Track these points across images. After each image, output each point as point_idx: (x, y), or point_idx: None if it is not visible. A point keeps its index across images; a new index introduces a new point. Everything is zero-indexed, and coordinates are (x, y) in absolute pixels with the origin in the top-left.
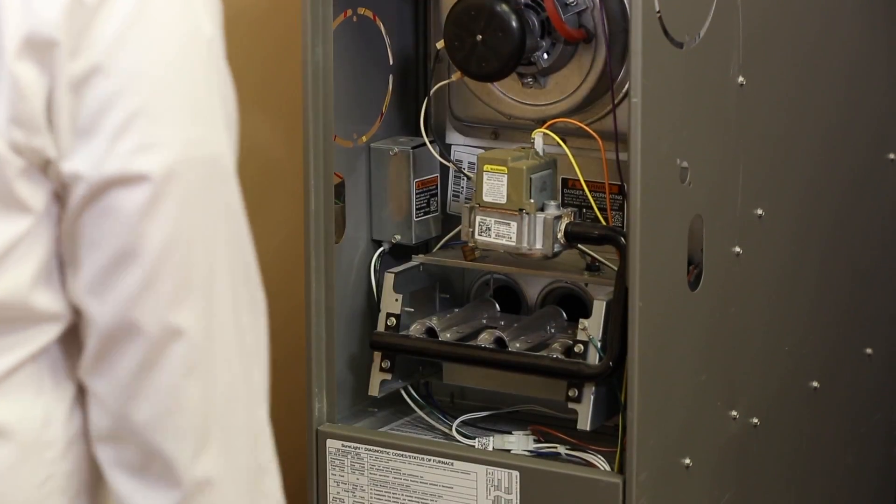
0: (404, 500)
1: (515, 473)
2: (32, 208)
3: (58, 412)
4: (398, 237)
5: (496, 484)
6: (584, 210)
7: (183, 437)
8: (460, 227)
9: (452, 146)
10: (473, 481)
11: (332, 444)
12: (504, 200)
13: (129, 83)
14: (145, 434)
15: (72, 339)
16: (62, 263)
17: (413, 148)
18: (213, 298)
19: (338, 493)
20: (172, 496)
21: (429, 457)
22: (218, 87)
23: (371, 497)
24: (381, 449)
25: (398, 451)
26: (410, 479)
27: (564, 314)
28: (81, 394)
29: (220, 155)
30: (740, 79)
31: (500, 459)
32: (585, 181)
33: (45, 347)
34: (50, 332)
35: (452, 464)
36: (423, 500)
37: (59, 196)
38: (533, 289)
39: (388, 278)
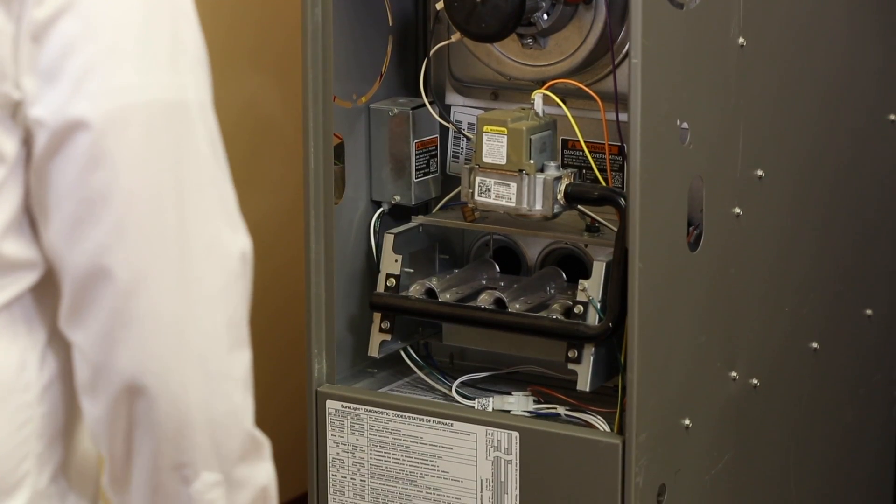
0: (404, 460)
1: (515, 434)
2: (4, 156)
3: (32, 357)
4: (398, 198)
5: (496, 445)
6: (584, 171)
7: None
8: (460, 187)
9: (452, 107)
10: (473, 442)
11: (331, 405)
12: (504, 161)
13: (92, 27)
14: (126, 382)
15: (45, 286)
16: (34, 212)
17: (412, 109)
18: (185, 244)
19: (337, 453)
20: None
21: (428, 417)
22: (186, 33)
23: (371, 457)
24: (381, 410)
25: (398, 412)
26: (410, 440)
27: (564, 275)
28: (54, 339)
29: (185, 101)
30: (740, 40)
31: (500, 420)
32: (585, 142)
33: (19, 295)
34: (23, 282)
35: (452, 425)
36: (423, 461)
37: (28, 143)
38: (533, 250)
39: (388, 239)
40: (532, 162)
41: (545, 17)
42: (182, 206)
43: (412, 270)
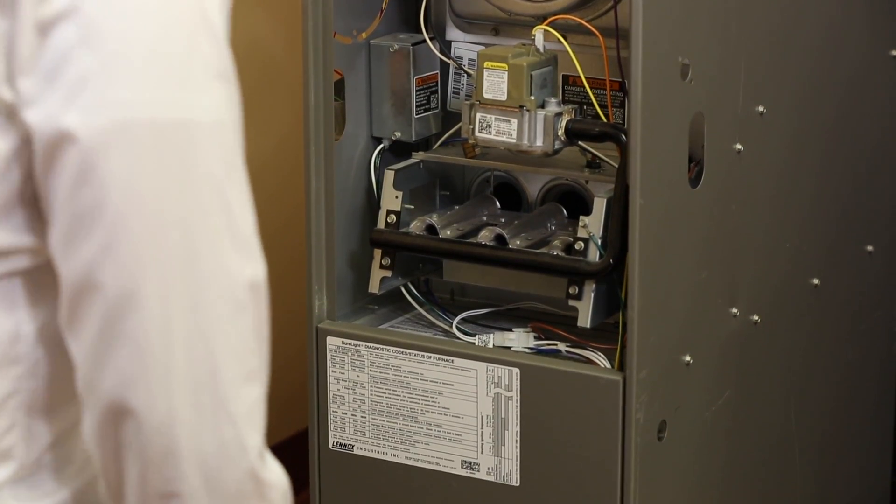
0: (404, 397)
1: (516, 371)
2: None
3: (28, 330)
4: (398, 134)
5: (496, 381)
6: (585, 107)
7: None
8: (460, 124)
9: (452, 43)
10: (474, 378)
11: (332, 342)
12: (504, 97)
13: (94, 34)
14: (112, 401)
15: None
16: (42, 207)
17: (413, 45)
18: (184, 268)
19: (338, 390)
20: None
21: (429, 354)
22: (205, 47)
23: (371, 394)
24: (382, 346)
25: (398, 349)
26: (411, 377)
27: (565, 211)
28: (53, 319)
29: (194, 120)
30: None
31: (501, 357)
32: (586, 78)
33: (15, 272)
34: (15, 263)
35: (453, 361)
36: (424, 398)
37: (29, 142)
38: (533, 186)
39: (388, 175)
40: (533, 98)
41: None
42: (182, 228)
43: (413, 207)
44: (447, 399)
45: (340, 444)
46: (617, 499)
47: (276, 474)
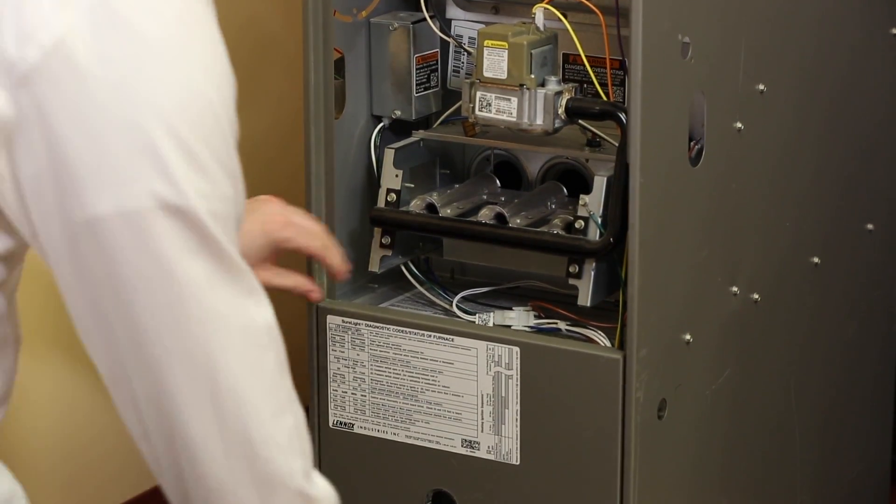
0: (405, 375)
1: (516, 349)
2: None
3: None
4: (398, 113)
5: (497, 360)
6: (585, 85)
7: None
8: (460, 102)
9: (453, 21)
10: (474, 357)
11: (332, 320)
12: (504, 76)
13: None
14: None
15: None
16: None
17: (413, 23)
18: (208, 330)
19: (338, 368)
20: None
21: (429, 332)
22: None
23: (371, 373)
24: (382, 325)
25: (399, 327)
26: (411, 355)
27: (565, 190)
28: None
29: (188, 207)
30: None
31: (501, 335)
32: (586, 56)
33: None
34: None
35: (453, 340)
36: (424, 376)
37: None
38: (533, 164)
39: (389, 154)
40: (533, 76)
41: None
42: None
43: (413, 185)
44: (447, 378)
45: (341, 423)
46: (617, 477)
47: (323, 490)
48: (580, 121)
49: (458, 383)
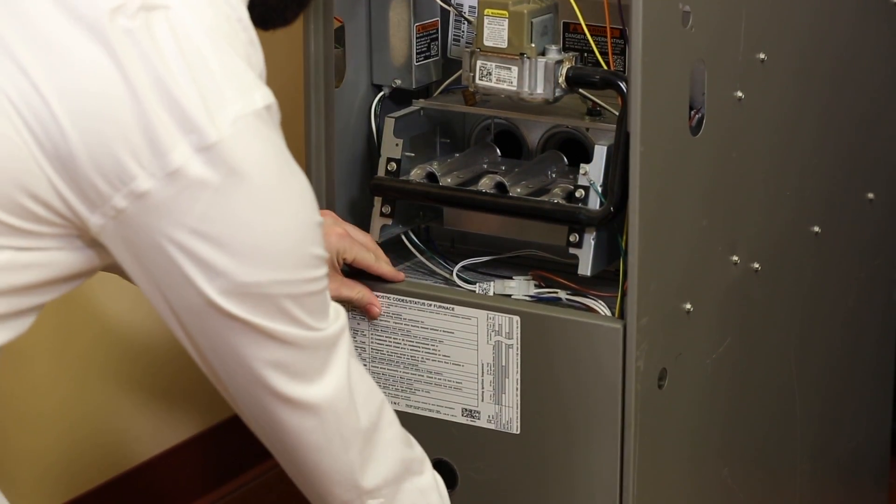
0: (405, 345)
1: (516, 319)
2: None
3: None
4: (398, 81)
5: (497, 329)
6: (586, 54)
7: None
8: (461, 71)
9: None
10: (474, 326)
11: None
12: (505, 45)
13: None
14: None
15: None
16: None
17: None
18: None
19: None
20: None
21: (430, 302)
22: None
23: (372, 342)
24: (382, 294)
25: (399, 296)
26: (411, 324)
27: (565, 159)
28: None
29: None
30: None
31: (501, 304)
32: (587, 25)
33: None
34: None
35: (453, 309)
36: (424, 345)
37: None
38: (534, 133)
39: (389, 123)
40: (533, 45)
41: None
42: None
43: (413, 154)
44: (448, 347)
45: None
46: (617, 446)
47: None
48: (581, 90)
49: (458, 352)
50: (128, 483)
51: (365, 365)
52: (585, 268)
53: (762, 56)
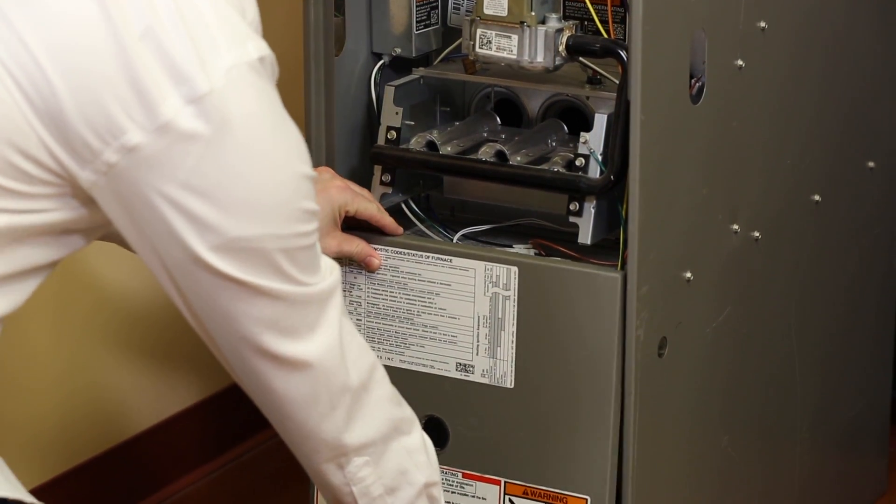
0: (401, 298)
1: (514, 269)
2: None
3: None
4: (398, 50)
5: (494, 280)
6: (586, 23)
7: None
8: (461, 39)
9: None
10: (472, 278)
11: None
12: (505, 13)
13: None
14: None
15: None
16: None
17: None
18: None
19: None
20: None
21: (427, 254)
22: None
23: (368, 296)
24: (380, 247)
25: (396, 249)
26: (409, 277)
27: (566, 127)
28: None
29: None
30: None
31: (500, 255)
32: None
33: None
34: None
35: (451, 260)
36: (421, 299)
37: None
38: (534, 102)
39: (389, 91)
40: (533, 13)
41: None
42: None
43: (413, 123)
44: (444, 300)
45: None
46: (611, 403)
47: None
48: (581, 58)
49: (454, 305)
50: (126, 452)
51: (360, 320)
52: (585, 236)
53: (762, 24)
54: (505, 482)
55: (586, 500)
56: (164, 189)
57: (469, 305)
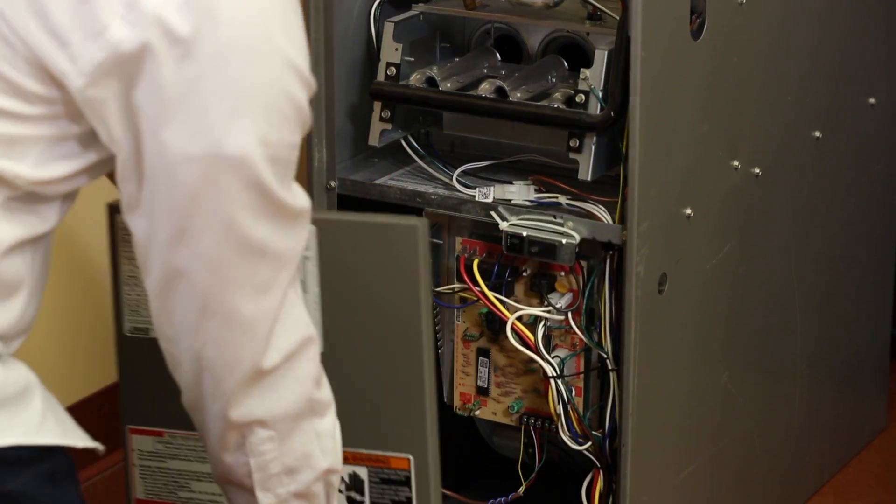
0: None
1: (312, 228)
2: None
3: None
4: None
5: None
6: None
7: None
8: None
9: None
10: None
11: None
12: None
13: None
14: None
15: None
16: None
17: None
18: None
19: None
20: None
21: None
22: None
23: None
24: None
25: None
26: None
27: (566, 63)
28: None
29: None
30: None
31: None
32: None
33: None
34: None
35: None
36: None
37: None
38: (534, 38)
39: (388, 27)
40: None
41: None
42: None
43: (412, 59)
44: None
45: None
46: (423, 357)
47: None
48: None
49: None
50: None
51: None
52: (585, 173)
53: None
54: None
55: (409, 458)
56: (151, 90)
57: None
